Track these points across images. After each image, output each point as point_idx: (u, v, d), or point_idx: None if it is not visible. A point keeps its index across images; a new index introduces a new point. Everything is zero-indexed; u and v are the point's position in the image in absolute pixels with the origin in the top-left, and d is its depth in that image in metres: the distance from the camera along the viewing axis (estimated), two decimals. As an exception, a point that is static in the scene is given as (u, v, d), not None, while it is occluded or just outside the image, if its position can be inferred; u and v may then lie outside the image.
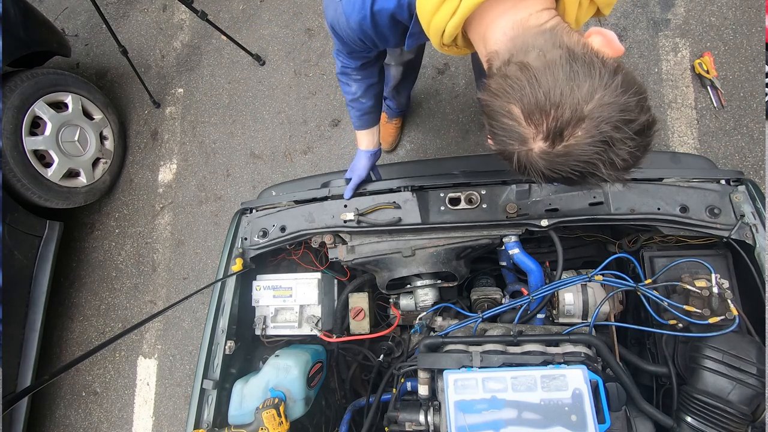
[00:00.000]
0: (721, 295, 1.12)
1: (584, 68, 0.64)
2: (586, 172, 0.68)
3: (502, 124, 0.69)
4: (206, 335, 1.42)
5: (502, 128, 0.69)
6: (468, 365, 1.07)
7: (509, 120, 0.68)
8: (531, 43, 0.69)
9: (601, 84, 0.63)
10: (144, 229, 2.96)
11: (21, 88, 2.39)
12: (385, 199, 1.38)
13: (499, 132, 0.70)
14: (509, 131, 0.69)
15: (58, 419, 2.84)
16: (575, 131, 0.64)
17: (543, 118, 0.65)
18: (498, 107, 0.69)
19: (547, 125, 0.65)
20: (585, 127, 0.64)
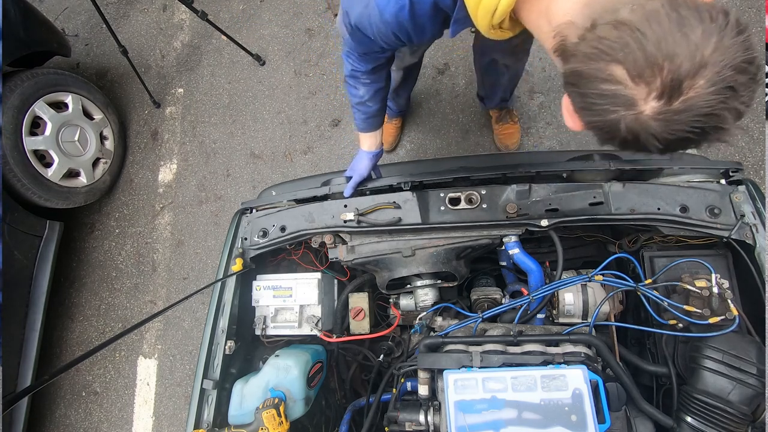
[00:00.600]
0: (721, 295, 1.12)
1: (692, 12, 0.57)
2: (708, 127, 0.60)
3: (601, 91, 0.61)
4: (206, 335, 1.42)
5: (602, 95, 0.61)
6: (468, 365, 1.07)
7: (611, 84, 0.60)
8: (616, 0, 0.62)
9: (716, 26, 0.56)
10: (144, 229, 2.96)
11: (21, 88, 2.39)
12: (385, 198, 1.38)
13: (598, 101, 0.62)
14: (612, 97, 0.61)
15: (58, 419, 2.84)
16: (696, 81, 0.57)
17: (656, 74, 0.58)
18: (593, 72, 0.61)
19: (662, 80, 0.58)
20: (707, 75, 0.57)
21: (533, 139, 2.44)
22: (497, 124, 2.38)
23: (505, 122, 2.35)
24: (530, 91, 2.48)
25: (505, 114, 2.34)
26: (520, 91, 2.49)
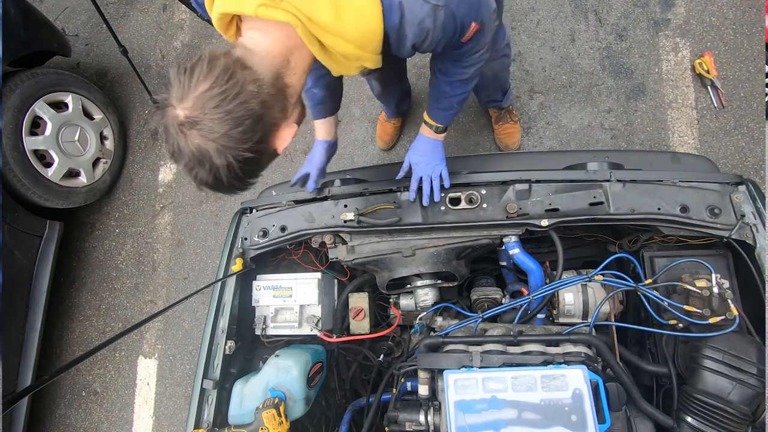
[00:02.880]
0: (722, 295, 1.12)
1: (250, 126, 0.78)
2: (173, 155, 0.82)
3: (181, 77, 0.80)
4: (206, 335, 1.42)
5: (180, 78, 0.80)
6: (468, 365, 1.07)
7: (187, 79, 0.79)
8: (260, 75, 0.81)
9: (238, 143, 0.78)
10: (144, 228, 2.96)
11: (21, 88, 2.38)
12: (386, 199, 1.38)
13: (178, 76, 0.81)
14: (178, 84, 0.80)
15: (58, 419, 2.84)
16: (198, 137, 0.77)
17: (198, 106, 0.77)
18: (199, 67, 0.80)
19: (196, 112, 0.77)
20: (205, 142, 0.77)
21: (533, 139, 2.44)
22: (497, 124, 2.38)
23: (504, 122, 2.35)
24: (530, 91, 2.48)
25: (505, 114, 2.34)
26: (520, 91, 2.49)
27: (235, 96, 0.76)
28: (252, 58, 0.82)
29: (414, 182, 1.36)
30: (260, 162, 0.86)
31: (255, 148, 0.80)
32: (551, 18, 2.52)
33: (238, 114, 0.76)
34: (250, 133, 0.78)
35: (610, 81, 2.41)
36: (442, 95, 1.26)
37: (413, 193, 1.36)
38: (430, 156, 1.37)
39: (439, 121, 1.34)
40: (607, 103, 2.39)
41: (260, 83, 0.80)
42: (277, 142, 0.88)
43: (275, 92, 0.83)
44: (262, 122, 0.80)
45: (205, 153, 0.78)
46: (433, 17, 0.91)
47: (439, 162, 1.36)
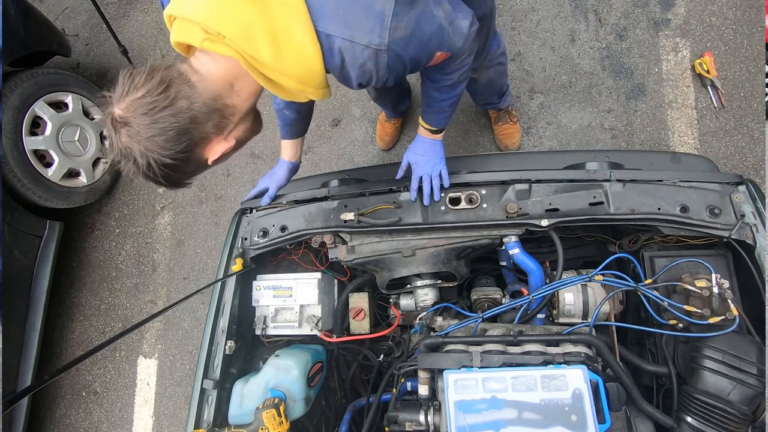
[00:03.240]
0: (722, 295, 1.12)
1: (174, 137, 0.85)
2: (110, 144, 0.90)
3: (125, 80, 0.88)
4: (206, 335, 1.42)
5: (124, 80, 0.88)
6: (468, 365, 1.07)
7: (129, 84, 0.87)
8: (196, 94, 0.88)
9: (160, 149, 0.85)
10: (144, 228, 2.96)
11: (21, 88, 2.38)
12: (386, 199, 1.38)
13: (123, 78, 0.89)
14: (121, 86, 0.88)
15: (58, 419, 2.84)
16: (125, 136, 0.85)
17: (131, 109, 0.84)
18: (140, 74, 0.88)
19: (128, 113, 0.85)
20: (131, 142, 0.85)
21: (533, 139, 2.44)
22: (496, 125, 2.39)
23: (504, 122, 2.35)
24: (530, 91, 2.48)
25: (504, 114, 2.34)
26: (520, 91, 2.49)
27: (164, 108, 0.83)
28: (193, 76, 0.89)
29: (414, 181, 1.36)
30: (183, 168, 0.92)
31: (176, 156, 0.87)
32: (551, 18, 2.52)
33: (163, 124, 0.84)
34: (173, 142, 0.86)
35: (610, 81, 2.41)
36: (432, 100, 1.27)
37: (414, 193, 1.36)
38: (430, 155, 1.37)
39: (433, 124, 1.35)
40: (607, 103, 2.39)
41: (192, 100, 0.87)
42: (208, 153, 0.95)
43: (209, 111, 0.90)
44: (188, 135, 0.87)
45: (129, 151, 0.86)
46: (375, 61, 0.92)
47: (439, 161, 1.36)
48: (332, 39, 0.88)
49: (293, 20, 0.85)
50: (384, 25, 0.89)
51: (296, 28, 0.85)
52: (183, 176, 0.96)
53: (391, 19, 0.89)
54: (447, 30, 1.02)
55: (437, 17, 0.99)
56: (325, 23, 0.87)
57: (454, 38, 1.04)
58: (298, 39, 0.86)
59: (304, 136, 1.55)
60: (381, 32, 0.89)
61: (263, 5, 0.83)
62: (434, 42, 1.00)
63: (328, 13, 0.86)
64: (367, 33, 0.88)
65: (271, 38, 0.85)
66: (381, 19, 0.88)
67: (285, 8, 0.84)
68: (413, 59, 0.99)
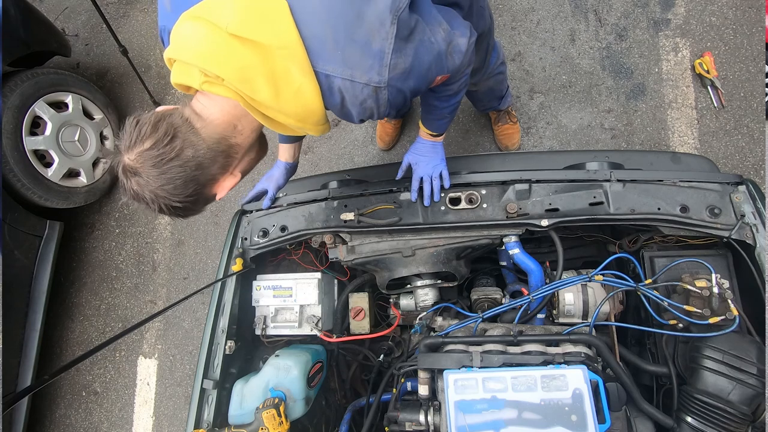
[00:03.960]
0: (722, 295, 1.12)
1: (182, 185, 0.89)
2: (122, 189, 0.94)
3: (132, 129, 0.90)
4: (206, 335, 1.42)
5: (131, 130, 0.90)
6: (468, 365, 1.07)
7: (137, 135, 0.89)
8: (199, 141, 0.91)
9: (170, 195, 0.89)
10: (144, 228, 2.96)
11: (21, 88, 2.38)
12: (386, 199, 1.38)
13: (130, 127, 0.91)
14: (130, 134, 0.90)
15: (58, 419, 2.84)
16: (135, 185, 0.90)
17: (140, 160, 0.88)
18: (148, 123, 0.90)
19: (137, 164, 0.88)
20: (142, 188, 0.89)
21: (533, 139, 2.44)
22: (496, 125, 2.39)
23: (504, 123, 2.35)
24: (530, 91, 2.48)
25: (504, 115, 2.34)
26: (520, 91, 2.49)
27: (171, 159, 0.86)
28: (197, 122, 0.90)
29: (415, 182, 1.36)
30: (192, 208, 0.97)
31: (186, 200, 0.92)
32: (551, 18, 2.52)
33: (171, 175, 0.87)
34: (181, 189, 0.90)
35: (610, 81, 2.41)
36: (433, 109, 1.28)
37: (415, 193, 1.36)
38: (430, 156, 1.37)
39: (433, 129, 1.35)
40: (607, 103, 2.39)
41: (197, 147, 0.89)
42: (216, 190, 0.99)
43: (215, 155, 0.92)
44: (195, 181, 0.91)
45: (141, 196, 0.90)
46: (375, 97, 0.92)
47: (439, 162, 1.37)
48: (332, 79, 0.88)
49: (291, 62, 0.85)
50: (383, 63, 0.88)
51: (295, 69, 0.86)
52: (194, 212, 1.00)
53: (390, 56, 0.89)
54: (445, 53, 1.02)
55: (435, 44, 0.99)
56: (324, 63, 0.87)
57: (453, 58, 1.04)
58: (297, 80, 0.87)
59: (302, 140, 1.56)
60: (380, 70, 0.89)
61: (261, 48, 0.84)
62: (433, 69, 1.01)
63: (327, 54, 0.86)
64: (367, 71, 0.88)
65: (270, 79, 0.85)
66: (380, 57, 0.88)
67: (283, 51, 0.84)
68: (413, 90, 0.99)
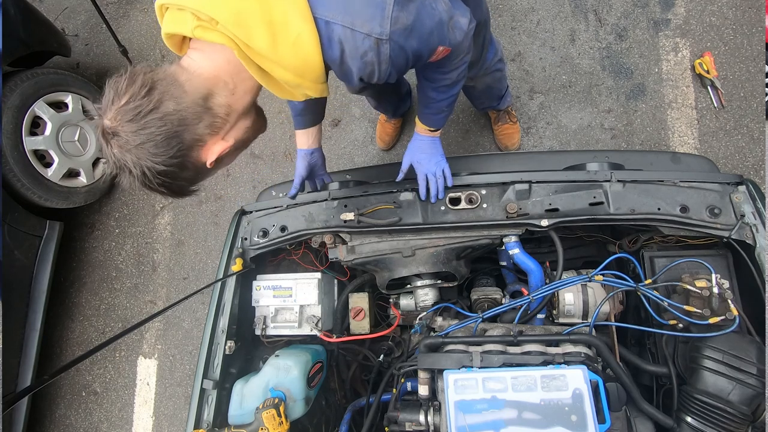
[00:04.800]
0: (722, 295, 1.12)
1: (162, 142, 0.81)
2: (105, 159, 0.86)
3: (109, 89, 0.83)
4: (206, 335, 1.42)
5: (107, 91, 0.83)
6: (468, 365, 1.07)
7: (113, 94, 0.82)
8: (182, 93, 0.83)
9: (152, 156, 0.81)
10: (144, 229, 2.96)
11: (21, 88, 2.38)
12: (386, 199, 1.38)
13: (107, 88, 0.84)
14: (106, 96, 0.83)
15: (58, 419, 2.84)
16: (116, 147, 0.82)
17: (117, 118, 0.80)
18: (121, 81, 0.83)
19: (115, 123, 0.81)
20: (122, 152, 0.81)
21: (533, 139, 2.44)
22: (496, 125, 2.38)
23: (503, 123, 2.35)
24: (530, 91, 2.48)
25: (503, 115, 2.34)
26: (520, 91, 2.49)
27: (149, 112, 0.79)
28: (181, 75, 0.84)
29: (422, 181, 1.35)
30: (180, 175, 0.88)
31: (169, 162, 0.83)
32: (551, 18, 2.52)
33: (150, 130, 0.79)
34: (163, 147, 0.81)
35: (610, 81, 2.41)
36: (430, 101, 1.26)
37: (423, 192, 1.35)
38: (430, 153, 1.36)
39: (431, 125, 1.34)
40: (607, 103, 2.39)
41: (180, 101, 0.82)
42: (205, 156, 0.90)
43: (200, 111, 0.85)
44: (178, 138, 0.83)
45: (122, 162, 0.82)
46: (376, 51, 0.90)
47: (440, 158, 1.36)
48: (332, 26, 0.85)
49: (291, 6, 0.82)
50: (385, 14, 0.86)
51: (294, 14, 0.82)
52: (183, 183, 0.92)
53: (392, 8, 0.87)
54: (447, 24, 1.01)
55: (437, 11, 0.98)
56: (324, 10, 0.84)
57: (455, 33, 1.03)
58: (296, 27, 0.83)
59: (319, 125, 1.51)
60: (382, 21, 0.87)
61: None
62: (435, 36, 0.99)
63: (328, 0, 0.84)
64: (368, 21, 0.86)
65: (267, 25, 0.81)
66: (382, 7, 0.86)
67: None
68: (416, 53, 0.97)
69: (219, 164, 0.95)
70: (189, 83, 0.84)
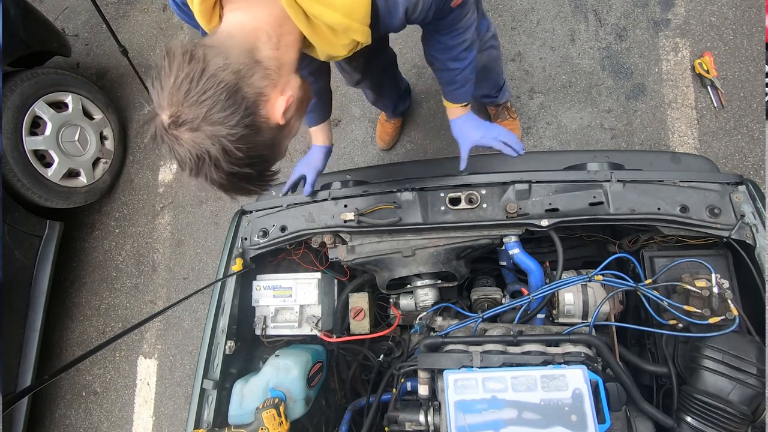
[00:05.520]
0: (722, 295, 1.12)
1: (227, 101, 0.74)
2: (179, 163, 0.79)
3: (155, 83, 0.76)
4: (206, 335, 1.42)
5: (154, 85, 0.77)
6: (468, 365, 1.07)
7: (159, 84, 0.75)
8: (227, 48, 0.77)
9: (224, 122, 0.74)
10: (144, 229, 2.96)
11: (21, 88, 2.39)
12: (386, 199, 1.38)
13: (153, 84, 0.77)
14: (155, 91, 0.76)
15: (58, 419, 2.84)
16: (186, 132, 0.74)
17: (174, 101, 0.73)
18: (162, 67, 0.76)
19: (174, 109, 0.73)
20: (194, 135, 0.74)
21: (533, 139, 2.44)
22: (495, 121, 2.38)
23: (503, 119, 2.35)
24: (530, 91, 2.48)
25: (503, 110, 2.34)
26: (520, 91, 2.49)
27: (201, 74, 0.73)
28: (220, 36, 0.80)
29: (500, 145, 1.37)
30: (257, 139, 0.80)
31: (244, 123, 0.76)
32: (551, 18, 2.52)
33: (210, 92, 0.73)
34: (230, 108, 0.74)
35: (610, 81, 2.41)
36: (454, 74, 1.28)
37: (510, 150, 1.37)
38: (481, 124, 1.40)
39: (463, 98, 1.37)
40: (607, 103, 2.39)
41: (226, 55, 0.76)
42: (272, 111, 0.82)
43: (249, 62, 0.79)
44: (241, 93, 0.76)
45: (199, 146, 0.75)
46: None
47: (488, 125, 1.40)
48: None
49: None
50: None
51: None
52: (264, 152, 0.84)
53: None
54: None
55: None
56: None
57: None
58: None
59: (330, 119, 1.53)
60: None
61: None
62: None
63: None
64: None
65: None
66: None
67: None
68: None
69: (289, 127, 0.89)
70: (231, 39, 0.79)
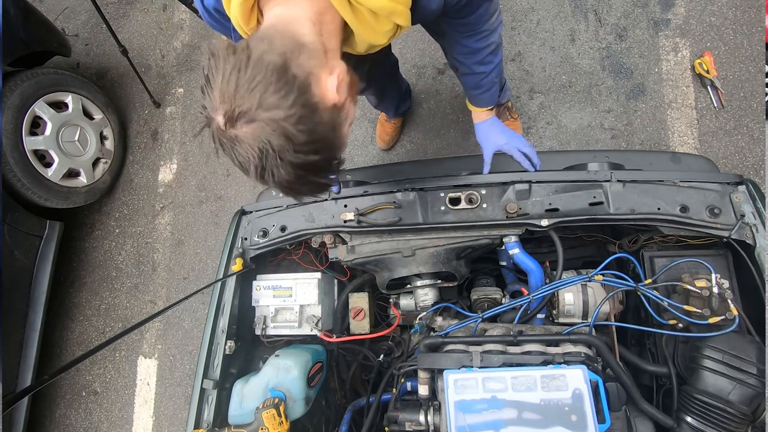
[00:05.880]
0: (722, 295, 1.12)
1: (279, 82, 0.71)
2: (242, 167, 0.76)
3: (206, 87, 0.74)
4: (206, 335, 1.42)
5: (205, 90, 0.75)
6: (468, 365, 1.07)
7: (209, 86, 0.73)
8: (270, 35, 0.75)
9: (279, 105, 0.71)
10: (144, 228, 2.96)
11: (21, 88, 2.38)
12: (386, 199, 1.38)
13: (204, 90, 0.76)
14: (206, 96, 0.74)
15: (58, 419, 2.84)
16: (244, 126, 0.71)
17: (226, 97, 0.71)
18: (209, 67, 0.74)
19: (227, 105, 0.71)
20: (253, 127, 0.71)
21: (533, 139, 2.44)
22: (496, 122, 2.39)
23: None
24: (530, 91, 2.48)
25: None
26: (520, 91, 2.49)
27: (248, 59, 0.71)
28: (261, 29, 0.79)
29: (520, 157, 1.40)
30: (316, 119, 0.76)
31: (300, 102, 0.72)
32: (551, 18, 2.52)
33: (260, 76, 0.70)
34: (284, 88, 0.71)
35: (610, 81, 2.41)
36: (479, 78, 1.30)
37: (528, 164, 1.39)
38: (504, 130, 1.43)
39: (489, 102, 1.40)
40: (607, 103, 2.39)
41: (270, 41, 0.74)
42: (325, 91, 0.79)
43: (294, 45, 0.76)
44: (291, 71, 0.73)
45: (259, 138, 0.71)
46: None
47: (512, 134, 1.43)
48: None
49: None
50: None
51: None
52: (327, 134, 0.79)
53: None
54: None
55: None
56: None
57: None
58: None
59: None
60: None
61: None
62: None
63: None
64: None
65: None
66: None
67: None
68: None
69: (345, 109, 0.85)
70: (273, 28, 0.78)
